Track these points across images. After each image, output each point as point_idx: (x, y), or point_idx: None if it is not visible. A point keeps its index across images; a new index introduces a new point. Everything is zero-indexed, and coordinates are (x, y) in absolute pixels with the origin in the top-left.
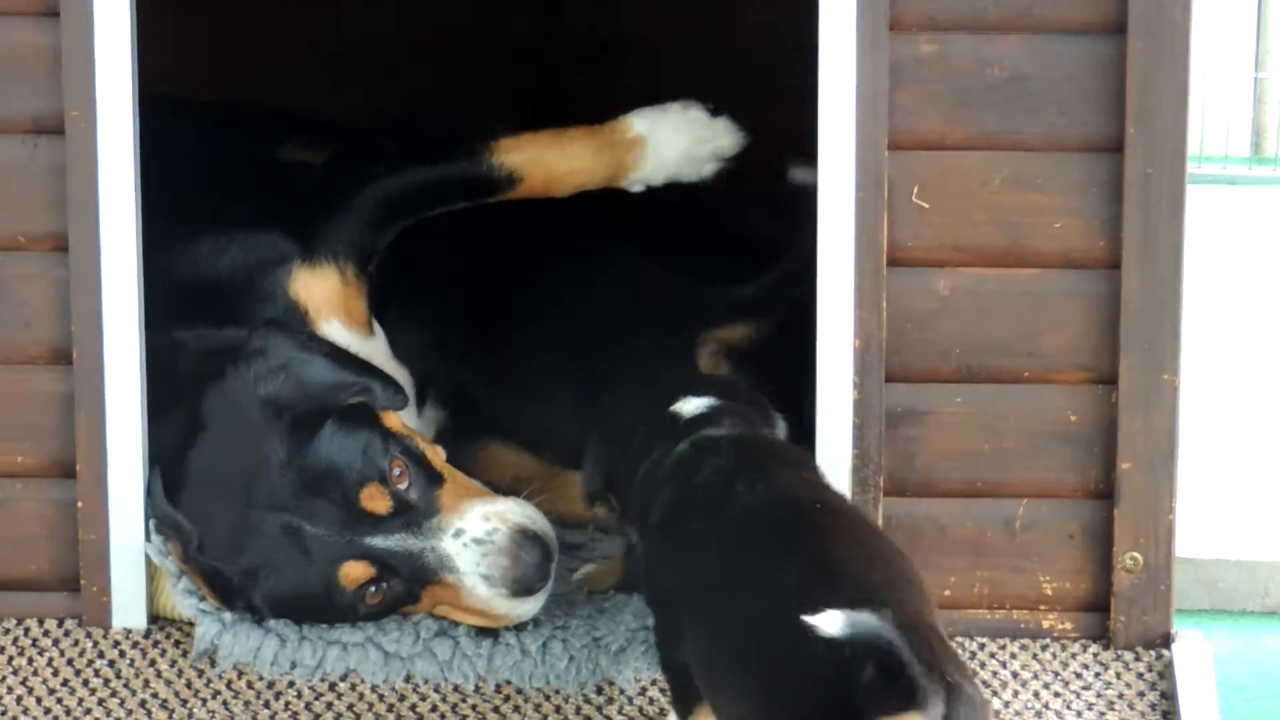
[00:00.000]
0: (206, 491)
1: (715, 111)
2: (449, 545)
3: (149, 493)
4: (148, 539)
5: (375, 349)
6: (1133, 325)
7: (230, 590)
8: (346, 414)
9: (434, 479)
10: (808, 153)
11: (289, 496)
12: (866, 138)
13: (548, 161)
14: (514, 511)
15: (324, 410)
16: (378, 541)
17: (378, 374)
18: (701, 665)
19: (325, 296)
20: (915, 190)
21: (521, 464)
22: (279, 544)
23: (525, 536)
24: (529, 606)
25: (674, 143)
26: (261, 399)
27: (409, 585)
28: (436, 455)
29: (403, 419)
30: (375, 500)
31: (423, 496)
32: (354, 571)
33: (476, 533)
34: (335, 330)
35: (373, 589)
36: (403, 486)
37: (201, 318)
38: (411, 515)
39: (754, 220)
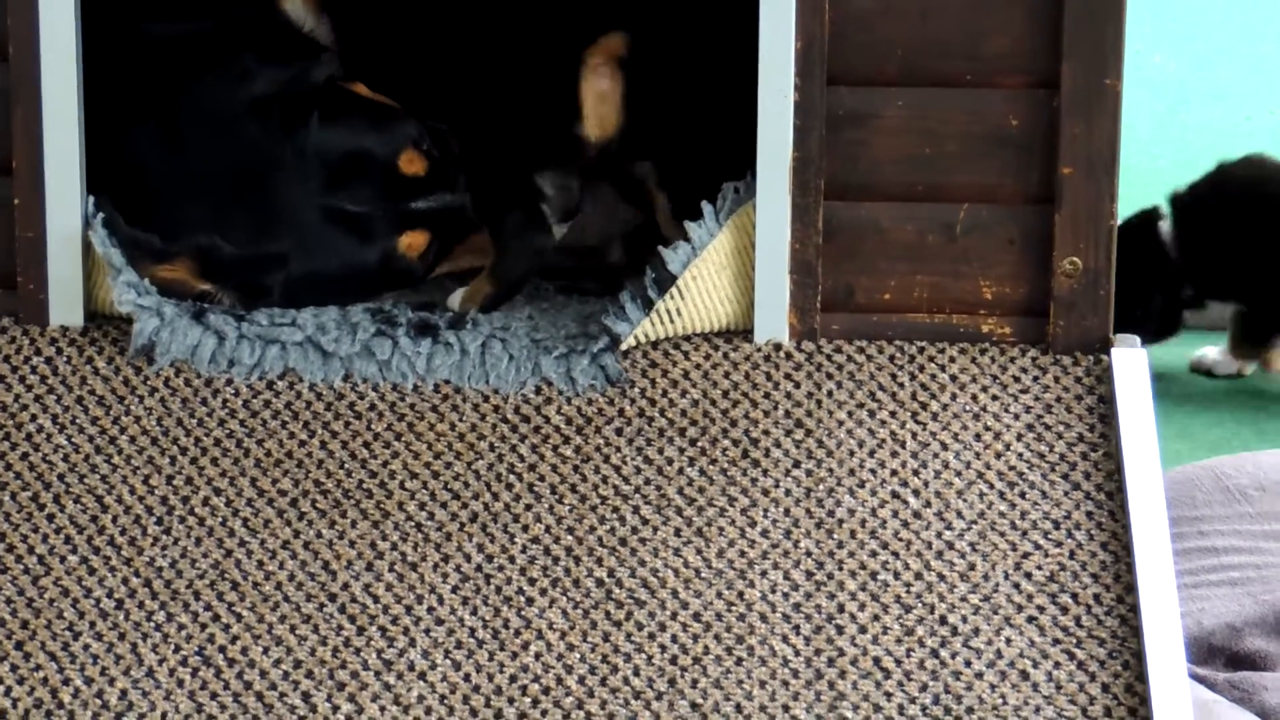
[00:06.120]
0: (217, 202)
1: None
2: None
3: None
4: (89, 228)
5: (323, 31)
6: (1075, 29)
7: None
8: (331, 96)
9: (438, 133)
10: None
11: (319, 183)
12: None
13: None
14: None
15: (308, 95)
16: (422, 204)
17: (319, 45)
18: None
19: None
20: None
21: None
22: (321, 229)
23: None
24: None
25: None
26: (248, 101)
27: (445, 242)
28: None
29: None
30: (414, 163)
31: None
32: (414, 240)
33: None
34: (294, 6)
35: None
36: (424, 145)
37: (166, 13)
38: (443, 173)
39: None
